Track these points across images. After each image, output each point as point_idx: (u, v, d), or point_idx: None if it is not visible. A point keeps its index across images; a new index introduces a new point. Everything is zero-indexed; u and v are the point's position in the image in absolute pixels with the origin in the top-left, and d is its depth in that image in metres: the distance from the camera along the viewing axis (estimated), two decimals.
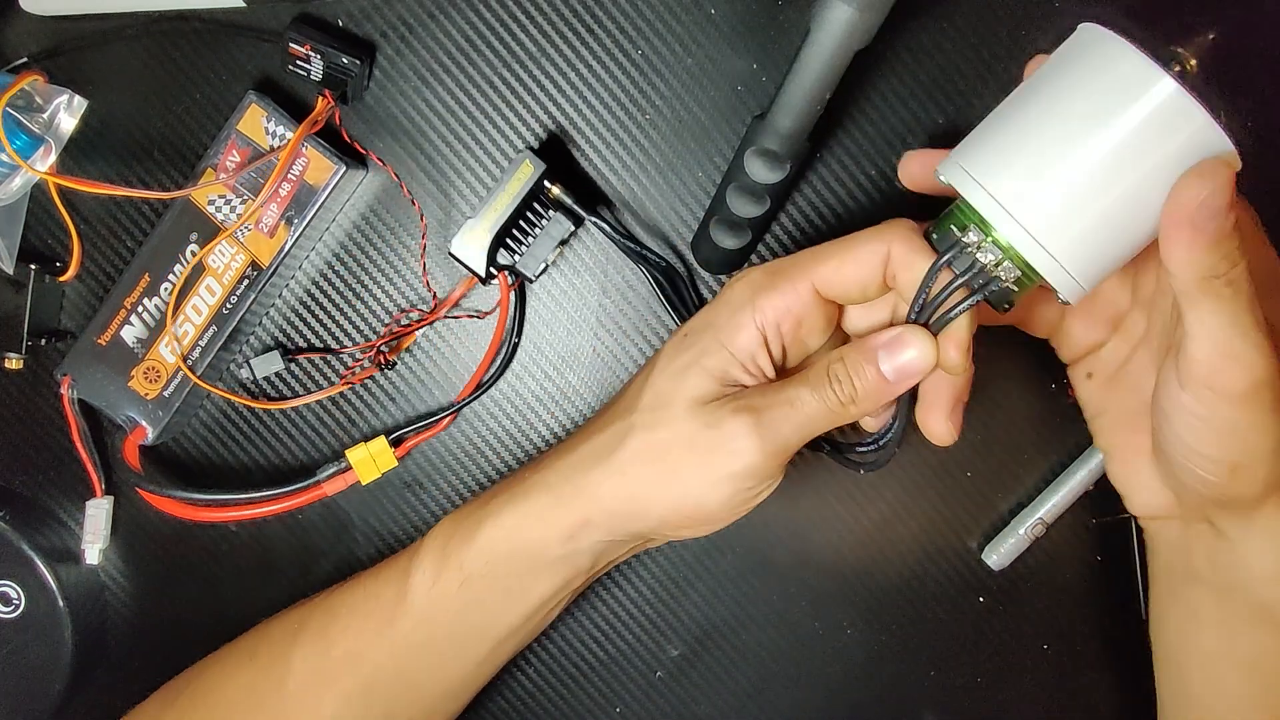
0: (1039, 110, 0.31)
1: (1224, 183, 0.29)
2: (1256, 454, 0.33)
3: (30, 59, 0.44)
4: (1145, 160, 0.29)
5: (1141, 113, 0.29)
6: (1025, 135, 0.31)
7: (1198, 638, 0.38)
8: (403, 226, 0.46)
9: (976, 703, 0.48)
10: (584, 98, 0.44)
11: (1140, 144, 0.29)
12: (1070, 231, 0.30)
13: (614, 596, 0.48)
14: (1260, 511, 0.34)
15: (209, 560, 0.48)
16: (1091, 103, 0.30)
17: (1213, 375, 0.31)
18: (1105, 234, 0.30)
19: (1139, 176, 0.30)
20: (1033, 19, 0.43)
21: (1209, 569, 0.37)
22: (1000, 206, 0.31)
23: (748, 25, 0.44)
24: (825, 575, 0.48)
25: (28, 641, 0.45)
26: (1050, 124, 0.30)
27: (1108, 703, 0.48)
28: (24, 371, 0.45)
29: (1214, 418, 0.32)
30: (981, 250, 0.32)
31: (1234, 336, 0.30)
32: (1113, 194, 0.30)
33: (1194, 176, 0.29)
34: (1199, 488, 0.34)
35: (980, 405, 0.46)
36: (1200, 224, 0.29)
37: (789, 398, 0.35)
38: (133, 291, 0.43)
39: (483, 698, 0.48)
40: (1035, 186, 0.30)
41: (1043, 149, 0.30)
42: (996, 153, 0.31)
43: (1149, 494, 0.38)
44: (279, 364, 0.45)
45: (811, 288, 0.36)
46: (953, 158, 0.33)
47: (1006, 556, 0.47)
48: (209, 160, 0.43)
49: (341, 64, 0.42)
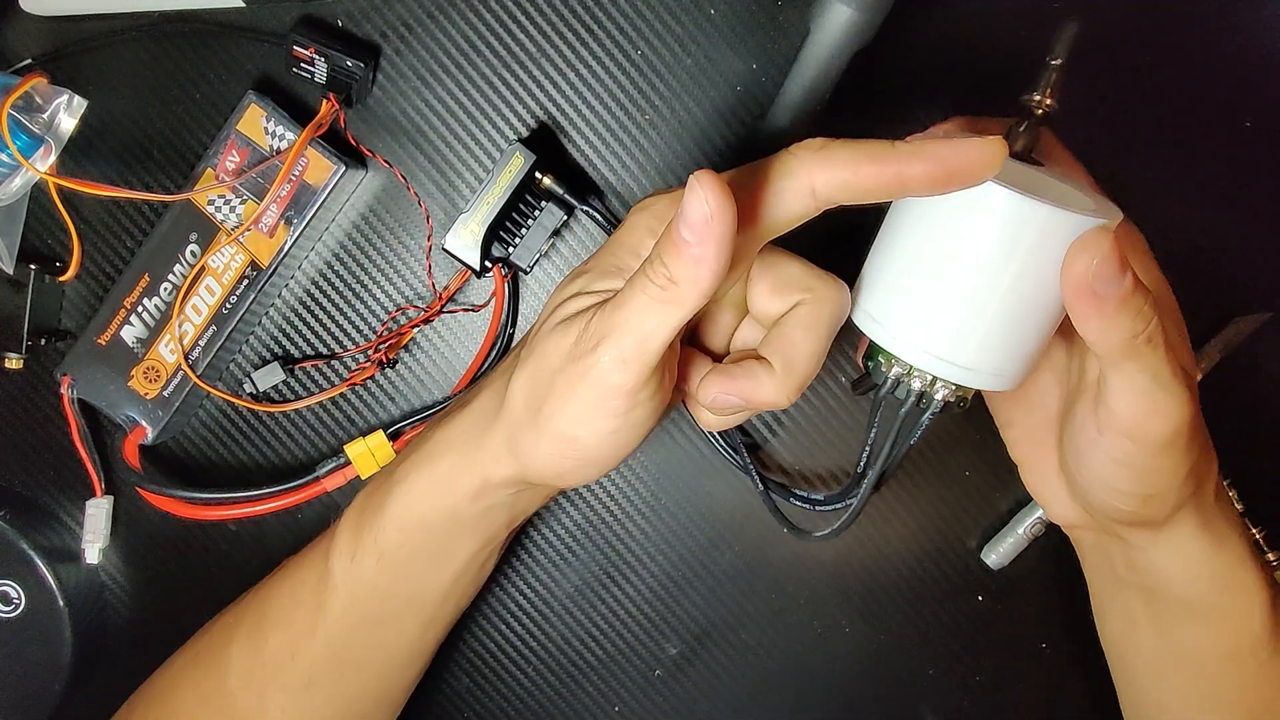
0: (905, 242, 0.32)
1: (1109, 248, 0.29)
2: (1169, 487, 0.33)
3: (33, 60, 0.44)
4: (1013, 261, 0.30)
5: (988, 225, 0.30)
6: (902, 269, 0.32)
7: (1135, 636, 0.40)
8: (402, 226, 0.46)
9: (975, 702, 0.48)
10: (584, 98, 0.44)
11: (1001, 250, 0.30)
12: (973, 343, 0.31)
13: (613, 596, 0.48)
14: (1166, 527, 0.35)
15: (209, 560, 0.48)
16: (944, 228, 0.31)
17: (1134, 428, 0.32)
18: (1011, 330, 0.31)
19: (1016, 275, 0.30)
20: (1033, 19, 0.43)
21: (1129, 573, 0.38)
22: (903, 342, 0.32)
23: (748, 25, 0.44)
24: (824, 574, 0.48)
25: (28, 641, 0.45)
26: (917, 256, 0.31)
27: (1106, 702, 0.48)
28: (24, 371, 0.45)
29: (1131, 462, 0.33)
30: (913, 377, 0.33)
31: (1154, 389, 0.31)
32: (999, 298, 0.30)
33: (1078, 250, 0.29)
34: (1109, 513, 0.35)
35: (980, 405, 0.46)
36: (1101, 291, 0.29)
37: (616, 300, 0.31)
38: (133, 291, 0.43)
39: (481, 696, 0.48)
40: (926, 314, 0.31)
41: (919, 280, 0.31)
42: (885, 290, 0.33)
43: (1062, 506, 0.39)
44: (280, 375, 0.45)
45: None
46: (858, 301, 0.34)
47: (1006, 556, 0.47)
48: (209, 160, 0.43)
49: (346, 67, 0.42)
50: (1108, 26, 0.43)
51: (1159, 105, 0.44)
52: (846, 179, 0.29)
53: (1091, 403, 0.33)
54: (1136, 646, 0.40)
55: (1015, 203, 0.29)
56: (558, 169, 0.43)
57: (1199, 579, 0.37)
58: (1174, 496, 0.34)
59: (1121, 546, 0.38)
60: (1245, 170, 0.45)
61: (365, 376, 0.46)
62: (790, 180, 0.29)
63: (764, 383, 0.33)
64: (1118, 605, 0.40)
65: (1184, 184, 0.45)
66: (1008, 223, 0.30)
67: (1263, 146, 0.44)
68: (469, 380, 0.45)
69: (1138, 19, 0.44)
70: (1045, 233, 0.30)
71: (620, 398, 0.31)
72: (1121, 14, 0.44)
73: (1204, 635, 0.38)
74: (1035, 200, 0.29)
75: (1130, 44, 0.44)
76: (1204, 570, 0.36)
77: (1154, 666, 0.40)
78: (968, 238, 0.30)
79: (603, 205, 0.45)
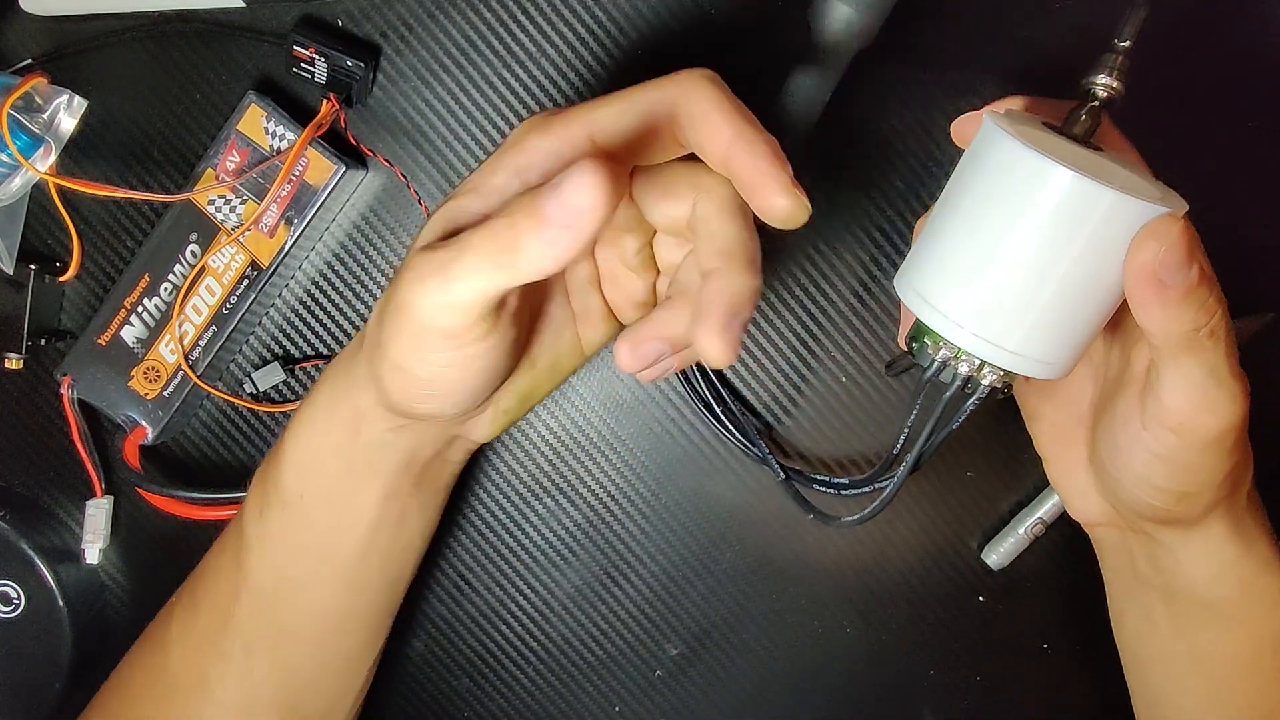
0: (962, 220, 0.31)
1: (1178, 236, 0.28)
2: (1206, 485, 0.33)
3: (33, 60, 0.44)
4: (1073, 245, 0.29)
5: (1051, 208, 0.29)
6: (957, 249, 0.31)
7: (1154, 637, 0.39)
8: (402, 226, 0.46)
9: (976, 702, 0.48)
10: (584, 97, 0.44)
11: (1062, 234, 0.29)
12: (1024, 328, 0.30)
13: (613, 596, 0.48)
14: (1197, 528, 0.35)
15: None
16: (1005, 208, 0.30)
17: (1184, 424, 0.31)
18: (1064, 318, 0.30)
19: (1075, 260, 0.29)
20: (1033, 19, 0.43)
21: (1152, 572, 0.38)
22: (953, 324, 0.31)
23: (748, 25, 0.44)
24: (824, 574, 0.48)
25: (28, 641, 0.45)
26: (974, 234, 0.31)
27: (1107, 702, 0.48)
28: (24, 371, 0.45)
29: (1173, 457, 0.32)
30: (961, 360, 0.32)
31: (1210, 385, 0.30)
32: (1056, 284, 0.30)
33: (1145, 237, 0.29)
34: (1141, 510, 0.35)
35: (979, 405, 0.46)
36: (1167, 279, 0.29)
37: (459, 242, 0.29)
38: (133, 291, 0.43)
39: (481, 697, 0.48)
40: (978, 297, 0.30)
41: (974, 260, 0.30)
42: (936, 269, 0.32)
43: (1087, 502, 0.38)
44: (280, 376, 0.45)
45: (588, 135, 0.30)
46: (903, 277, 0.33)
47: (1006, 556, 0.47)
48: (209, 161, 0.43)
49: (346, 67, 0.42)
50: (1107, 26, 0.43)
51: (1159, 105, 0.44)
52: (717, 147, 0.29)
53: (1137, 395, 0.33)
54: (1153, 648, 0.40)
55: (1081, 186, 0.28)
56: None
57: (1225, 581, 0.36)
58: (1209, 496, 0.33)
59: (1146, 545, 0.37)
60: (1247, 170, 0.45)
61: None
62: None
63: (678, 313, 0.31)
64: (1136, 606, 0.40)
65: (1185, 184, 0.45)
66: (1072, 206, 0.29)
67: (1264, 147, 0.44)
68: None
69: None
70: (1110, 219, 0.29)
71: (440, 339, 0.30)
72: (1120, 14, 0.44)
73: (1225, 638, 0.37)
74: (1102, 184, 0.28)
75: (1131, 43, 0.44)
76: (1231, 573, 0.36)
77: (1171, 668, 0.39)
78: (1029, 219, 0.29)
79: None
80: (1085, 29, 0.43)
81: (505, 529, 0.47)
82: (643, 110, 0.30)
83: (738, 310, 0.29)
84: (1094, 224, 0.29)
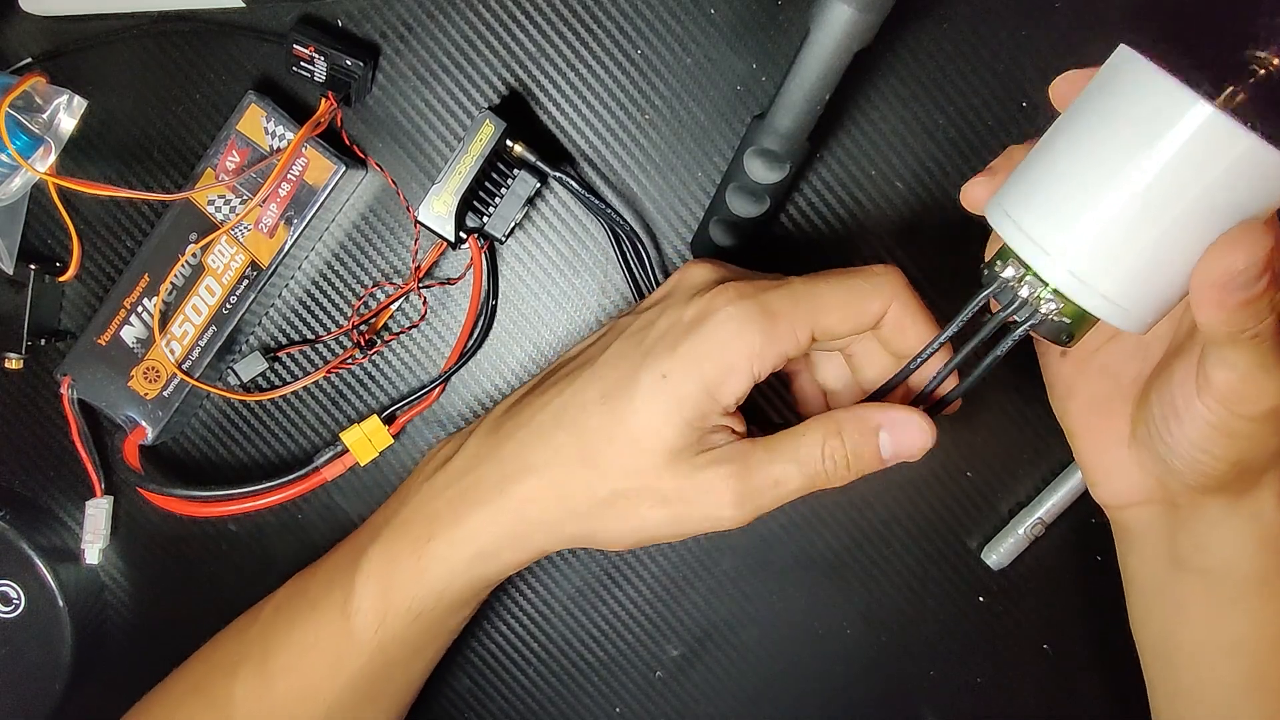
0: (1076, 146, 0.30)
1: (1259, 255, 0.27)
2: (1263, 456, 0.33)
3: (33, 60, 0.44)
4: (1194, 187, 0.27)
5: (1178, 142, 0.27)
6: (1064, 173, 0.30)
7: (1183, 630, 0.39)
8: (402, 226, 0.46)
9: (976, 702, 0.48)
10: (583, 97, 0.44)
11: (1185, 173, 0.27)
12: (1119, 271, 0.29)
13: (614, 596, 0.48)
14: (1245, 496, 0.35)
15: (209, 560, 0.48)
16: (1125, 135, 0.28)
17: (1232, 400, 0.31)
18: (1161, 267, 0.29)
19: (1188, 207, 0.28)
20: (1033, 19, 0.43)
21: (1192, 550, 0.37)
22: (1043, 252, 0.30)
23: (748, 25, 0.44)
24: (825, 575, 0.48)
25: (28, 641, 0.45)
26: (1087, 161, 0.29)
27: (1107, 702, 0.48)
28: (24, 371, 0.45)
29: (1227, 426, 0.32)
30: (1025, 285, 0.31)
31: (1257, 371, 0.30)
32: (1161, 229, 0.28)
33: (1225, 246, 0.28)
34: (1193, 479, 0.34)
35: (980, 405, 0.46)
36: (1231, 291, 0.28)
37: (777, 478, 0.35)
38: (133, 291, 0.43)
39: (482, 697, 0.48)
40: (1077, 228, 0.29)
41: (1082, 188, 0.29)
42: (1034, 193, 0.30)
43: (1121, 480, 0.38)
44: (262, 364, 0.45)
45: (811, 335, 0.35)
46: (996, 199, 0.32)
47: (1006, 556, 0.47)
48: (208, 160, 0.43)
49: (345, 66, 0.42)
50: (1109, 26, 0.43)
51: None
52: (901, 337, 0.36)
53: (1195, 363, 0.33)
54: (1184, 640, 0.39)
55: (1220, 123, 0.27)
56: (528, 136, 0.42)
57: (1270, 551, 0.36)
58: (1261, 465, 0.33)
59: (1187, 522, 0.37)
60: None
61: (347, 356, 0.46)
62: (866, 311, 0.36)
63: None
64: (1167, 598, 0.39)
65: None
66: (1204, 144, 0.27)
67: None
68: (458, 355, 0.45)
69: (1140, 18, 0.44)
70: (1238, 166, 0.27)
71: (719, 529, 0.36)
72: (1122, 14, 0.44)
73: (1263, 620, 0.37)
74: (1240, 127, 0.26)
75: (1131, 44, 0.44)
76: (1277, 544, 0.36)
77: (1202, 659, 0.39)
78: (1155, 152, 0.27)
79: (575, 172, 0.45)
80: (1085, 29, 0.43)
81: None
82: (861, 320, 0.35)
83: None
84: (1222, 168, 0.27)
